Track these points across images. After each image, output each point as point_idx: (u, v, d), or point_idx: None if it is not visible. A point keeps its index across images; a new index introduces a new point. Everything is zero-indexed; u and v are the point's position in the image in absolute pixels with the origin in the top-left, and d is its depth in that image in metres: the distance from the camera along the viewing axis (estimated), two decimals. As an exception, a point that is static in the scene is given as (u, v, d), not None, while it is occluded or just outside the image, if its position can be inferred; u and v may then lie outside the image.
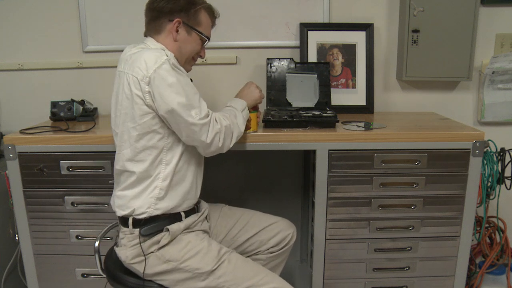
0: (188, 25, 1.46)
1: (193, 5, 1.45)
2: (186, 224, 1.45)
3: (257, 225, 1.66)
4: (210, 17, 1.52)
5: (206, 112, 1.38)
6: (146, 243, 1.41)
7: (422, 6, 2.02)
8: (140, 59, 1.34)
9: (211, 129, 1.38)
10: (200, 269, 1.39)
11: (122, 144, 1.42)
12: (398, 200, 1.77)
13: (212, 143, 1.39)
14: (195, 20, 1.47)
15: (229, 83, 2.20)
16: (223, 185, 2.20)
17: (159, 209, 1.41)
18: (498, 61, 2.12)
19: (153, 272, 1.41)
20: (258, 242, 1.64)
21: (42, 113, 2.10)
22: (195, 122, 1.35)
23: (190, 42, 1.48)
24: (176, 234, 1.43)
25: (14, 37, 2.16)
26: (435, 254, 1.82)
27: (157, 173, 1.41)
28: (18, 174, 1.73)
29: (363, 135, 1.72)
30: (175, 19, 1.43)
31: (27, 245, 1.80)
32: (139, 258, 1.42)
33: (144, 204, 1.41)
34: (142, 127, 1.37)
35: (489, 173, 1.85)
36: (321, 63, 2.05)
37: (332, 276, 1.84)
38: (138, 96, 1.34)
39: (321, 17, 2.14)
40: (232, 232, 1.64)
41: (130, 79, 1.35)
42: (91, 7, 2.11)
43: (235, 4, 2.13)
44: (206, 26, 1.51)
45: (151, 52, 1.36)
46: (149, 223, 1.41)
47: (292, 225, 1.71)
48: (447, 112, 2.19)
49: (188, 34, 1.47)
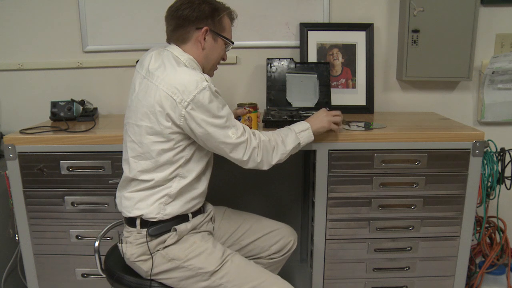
0: (215, 32, 1.45)
1: (217, 12, 1.45)
2: (193, 225, 1.46)
3: (259, 231, 1.65)
4: (231, 22, 1.53)
5: (242, 129, 1.40)
6: (153, 242, 1.41)
7: (422, 6, 2.02)
8: (178, 79, 1.32)
9: (248, 145, 1.40)
10: (203, 269, 1.40)
11: (141, 154, 1.39)
12: (398, 200, 1.77)
13: (249, 159, 1.42)
14: (220, 26, 1.47)
15: (229, 83, 2.20)
16: (223, 185, 2.20)
17: (168, 214, 1.42)
18: (498, 61, 2.12)
19: (157, 270, 1.42)
20: (260, 248, 1.64)
21: (42, 113, 2.10)
22: (233, 141, 1.38)
23: (217, 48, 1.48)
24: (183, 234, 1.43)
25: (14, 37, 2.16)
26: (435, 254, 1.82)
27: (171, 184, 1.41)
28: (18, 174, 1.73)
29: (363, 135, 1.72)
30: (203, 27, 1.42)
31: (27, 245, 1.80)
32: (145, 257, 1.42)
33: (153, 210, 1.41)
34: (168, 143, 1.36)
35: (489, 173, 1.85)
36: (321, 63, 2.05)
37: (332, 276, 1.84)
38: (170, 116, 1.33)
39: (321, 17, 2.14)
40: (234, 236, 1.64)
41: (163, 96, 1.32)
42: (91, 7, 2.11)
43: (235, 4, 2.10)
44: (229, 31, 1.52)
45: (192, 73, 1.34)
46: (157, 224, 1.41)
47: (294, 232, 1.71)
48: (447, 112, 2.19)
49: (214, 41, 1.46)
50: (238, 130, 1.39)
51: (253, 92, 2.21)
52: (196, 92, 1.31)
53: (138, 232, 1.42)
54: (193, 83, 1.31)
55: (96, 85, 2.20)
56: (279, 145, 1.48)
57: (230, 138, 1.37)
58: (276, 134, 1.50)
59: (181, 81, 1.32)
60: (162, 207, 1.41)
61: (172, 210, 1.42)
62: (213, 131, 1.35)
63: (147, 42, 2.13)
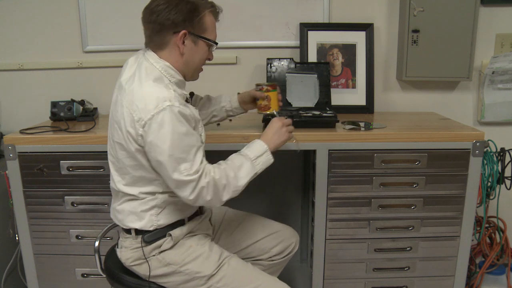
0: (195, 34, 1.32)
1: (197, 11, 1.30)
2: (188, 229, 1.44)
3: (260, 232, 1.63)
4: (214, 17, 1.38)
5: (197, 167, 1.25)
6: (148, 247, 1.40)
7: (422, 6, 2.02)
8: (141, 96, 1.25)
9: (196, 185, 1.26)
10: (200, 273, 1.38)
11: (119, 169, 1.35)
12: (398, 200, 1.77)
13: (197, 198, 1.28)
14: (201, 27, 1.32)
15: (229, 83, 2.20)
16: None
17: (161, 224, 1.40)
18: (498, 61, 2.12)
19: (154, 274, 1.41)
20: (260, 249, 1.61)
21: (42, 113, 2.10)
22: (181, 178, 1.24)
23: (198, 51, 1.35)
24: (179, 239, 1.42)
25: (14, 37, 2.16)
26: (435, 254, 1.82)
27: (156, 196, 1.36)
28: (18, 174, 1.73)
29: (363, 135, 1.72)
30: (180, 31, 1.29)
31: (27, 245, 1.80)
32: (140, 261, 1.41)
33: (146, 224, 1.38)
34: (137, 161, 1.30)
35: (489, 173, 1.85)
36: (321, 63, 2.05)
37: (332, 276, 1.84)
38: (131, 134, 1.26)
39: (321, 17, 2.14)
40: (234, 237, 1.62)
41: (125, 114, 1.26)
42: (91, 7, 2.11)
43: (235, 4, 2.13)
44: (212, 30, 1.36)
45: (155, 90, 1.25)
46: (152, 231, 1.39)
47: (295, 233, 1.68)
48: (447, 112, 2.19)
49: (195, 44, 1.33)
50: (193, 166, 1.25)
51: (253, 92, 2.21)
52: (155, 112, 1.21)
53: (134, 239, 1.41)
54: (153, 101, 1.22)
55: (96, 85, 2.20)
56: (230, 182, 1.32)
57: (180, 173, 1.23)
58: (229, 167, 1.33)
59: (142, 98, 1.24)
60: (154, 219, 1.38)
61: (165, 220, 1.39)
62: (164, 160, 1.23)
63: (147, 42, 2.13)
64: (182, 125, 1.24)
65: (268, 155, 1.40)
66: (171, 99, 1.24)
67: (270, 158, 1.41)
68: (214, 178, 1.28)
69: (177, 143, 1.23)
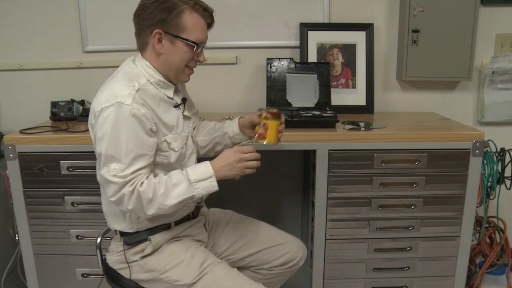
0: (170, 33, 1.28)
1: (172, 9, 1.27)
2: (173, 234, 1.42)
3: (265, 241, 1.56)
4: (201, 16, 1.31)
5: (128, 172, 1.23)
6: (131, 251, 1.40)
7: (422, 6, 2.02)
8: (102, 90, 1.29)
9: (121, 190, 1.23)
10: (180, 281, 1.35)
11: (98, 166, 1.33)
12: (398, 200, 1.77)
13: (119, 203, 1.25)
14: (177, 26, 1.28)
15: (229, 83, 2.20)
16: (223, 185, 2.19)
17: (142, 228, 1.39)
18: (498, 61, 2.12)
19: (138, 278, 1.41)
20: (262, 260, 1.55)
21: (42, 113, 2.10)
22: (106, 176, 1.23)
23: (176, 52, 1.30)
24: (160, 244, 1.40)
25: (14, 37, 2.16)
26: (435, 254, 1.82)
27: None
28: (18, 174, 1.73)
29: (363, 135, 1.72)
30: (154, 30, 1.28)
31: (27, 245, 1.80)
32: (123, 265, 1.41)
33: (126, 227, 1.39)
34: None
35: (489, 173, 1.85)
36: (321, 63, 2.05)
37: (332, 276, 1.84)
38: (90, 124, 1.30)
39: (321, 17, 2.14)
40: (237, 244, 1.57)
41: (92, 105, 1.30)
42: (91, 7, 2.11)
43: (235, 4, 2.13)
44: (193, 29, 1.30)
45: (115, 86, 1.27)
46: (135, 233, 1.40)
47: (303, 247, 1.61)
48: (447, 112, 2.19)
49: (171, 43, 1.30)
50: (125, 170, 1.22)
51: (253, 92, 2.21)
52: (104, 106, 1.23)
53: (118, 241, 1.42)
54: (107, 95, 1.25)
55: (96, 85, 2.16)
56: (156, 198, 1.25)
57: (107, 171, 1.22)
58: (162, 183, 1.26)
59: (102, 91, 1.28)
60: (134, 221, 1.38)
61: (146, 223, 1.38)
62: (99, 153, 1.24)
63: (147, 42, 2.13)
64: (127, 125, 1.23)
65: (212, 182, 1.29)
66: (124, 96, 1.24)
67: (214, 185, 1.29)
68: (138, 190, 1.23)
69: (114, 142, 1.23)
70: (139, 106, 1.25)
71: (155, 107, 1.32)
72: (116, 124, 1.23)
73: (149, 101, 1.30)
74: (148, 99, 1.30)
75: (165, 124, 1.34)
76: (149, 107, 1.29)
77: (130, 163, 1.23)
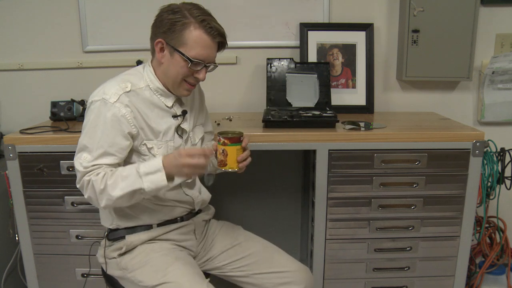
0: (170, 45, 1.31)
1: (177, 22, 1.29)
2: (151, 235, 1.43)
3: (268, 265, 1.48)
4: (206, 34, 1.30)
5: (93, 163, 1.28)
6: (111, 247, 1.44)
7: (422, 6, 2.02)
8: (103, 84, 1.36)
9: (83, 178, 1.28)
10: (142, 282, 1.35)
11: None
12: (398, 200, 1.77)
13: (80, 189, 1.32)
14: (178, 39, 1.29)
15: (229, 83, 2.20)
16: (223, 185, 2.20)
17: (121, 225, 1.43)
18: (498, 61, 2.12)
19: (113, 274, 1.45)
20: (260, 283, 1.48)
21: (42, 113, 2.10)
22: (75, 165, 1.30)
23: (173, 64, 1.32)
24: (134, 244, 1.41)
25: (14, 37, 2.16)
26: (435, 254, 1.82)
27: None
28: (18, 174, 1.73)
29: (363, 135, 1.72)
30: (158, 39, 1.32)
31: (27, 245, 1.80)
32: (103, 260, 1.46)
33: (107, 221, 1.45)
34: None
35: (489, 173, 1.85)
36: (321, 63, 2.05)
37: (332, 276, 1.84)
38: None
39: (321, 17, 2.14)
40: (236, 263, 1.51)
41: None
42: (91, 7, 2.11)
43: (235, 4, 2.13)
44: (193, 45, 1.29)
45: (109, 84, 1.34)
46: (116, 230, 1.44)
47: (308, 277, 1.50)
48: (447, 112, 2.19)
49: (170, 55, 1.32)
50: (92, 162, 1.28)
51: (253, 92, 2.21)
52: (94, 99, 1.32)
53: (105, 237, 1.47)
54: (100, 91, 1.32)
55: (96, 85, 2.17)
56: (106, 189, 1.26)
57: (78, 159, 1.30)
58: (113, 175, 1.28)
59: (100, 85, 1.35)
60: (115, 217, 1.42)
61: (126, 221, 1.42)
62: (79, 140, 1.32)
63: (147, 42, 2.12)
64: (104, 122, 1.29)
65: (162, 176, 1.26)
66: (110, 94, 1.30)
67: (163, 180, 1.26)
68: (92, 179, 1.27)
69: (90, 134, 1.29)
70: (122, 106, 1.30)
71: (147, 110, 1.36)
72: (96, 118, 1.30)
73: (140, 104, 1.35)
74: (138, 102, 1.34)
75: (152, 128, 1.37)
76: (136, 109, 1.33)
77: (97, 157, 1.29)
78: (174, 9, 1.31)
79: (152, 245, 1.43)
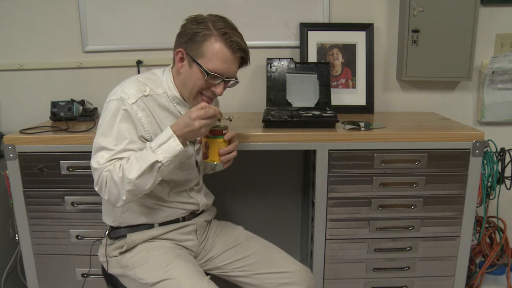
0: (190, 55, 1.30)
1: (198, 33, 1.28)
2: (152, 235, 1.43)
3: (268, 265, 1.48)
4: (227, 47, 1.28)
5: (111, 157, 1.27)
6: (112, 246, 1.44)
7: (422, 6, 2.02)
8: (120, 85, 1.36)
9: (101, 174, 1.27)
10: (143, 280, 1.35)
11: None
12: (398, 200, 1.77)
13: (99, 190, 1.29)
14: (198, 50, 1.29)
15: (229, 83, 2.20)
16: (223, 185, 2.20)
17: (123, 223, 1.44)
18: (498, 61, 2.12)
19: (115, 273, 1.45)
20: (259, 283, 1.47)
21: (42, 113, 2.10)
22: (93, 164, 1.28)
23: (192, 76, 1.32)
24: (135, 243, 1.42)
25: (14, 37, 2.16)
26: (435, 254, 1.82)
27: None
28: (18, 174, 1.73)
29: (363, 135, 1.72)
30: (178, 48, 1.33)
31: (27, 245, 1.80)
32: (104, 258, 1.46)
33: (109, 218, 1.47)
34: None
35: (489, 173, 1.85)
36: (321, 63, 2.05)
37: (332, 276, 1.84)
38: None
39: (321, 17, 2.14)
40: (237, 263, 1.51)
41: None
42: (91, 7, 2.11)
43: (235, 4, 2.13)
44: (212, 58, 1.28)
45: (127, 84, 1.34)
46: (118, 228, 1.45)
47: (309, 278, 1.50)
48: (447, 112, 2.19)
49: (189, 66, 1.32)
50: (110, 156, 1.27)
51: (253, 92, 2.21)
52: (111, 98, 1.31)
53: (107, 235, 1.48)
54: (119, 90, 1.32)
55: (96, 85, 2.20)
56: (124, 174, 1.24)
57: (96, 157, 1.28)
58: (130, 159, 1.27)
59: (118, 85, 1.35)
60: (118, 216, 1.43)
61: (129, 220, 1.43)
62: (95, 138, 1.31)
63: (147, 42, 2.13)
64: (121, 119, 1.29)
65: (175, 142, 1.24)
66: (129, 94, 1.30)
67: (177, 145, 1.24)
68: (110, 171, 1.26)
69: (107, 132, 1.29)
70: (139, 110, 1.31)
71: (162, 116, 1.37)
72: (113, 116, 1.29)
73: (155, 109, 1.36)
74: (154, 107, 1.35)
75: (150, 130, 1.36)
76: (151, 114, 1.34)
77: (115, 154, 1.28)
78: (199, 20, 1.31)
79: (153, 244, 1.43)
